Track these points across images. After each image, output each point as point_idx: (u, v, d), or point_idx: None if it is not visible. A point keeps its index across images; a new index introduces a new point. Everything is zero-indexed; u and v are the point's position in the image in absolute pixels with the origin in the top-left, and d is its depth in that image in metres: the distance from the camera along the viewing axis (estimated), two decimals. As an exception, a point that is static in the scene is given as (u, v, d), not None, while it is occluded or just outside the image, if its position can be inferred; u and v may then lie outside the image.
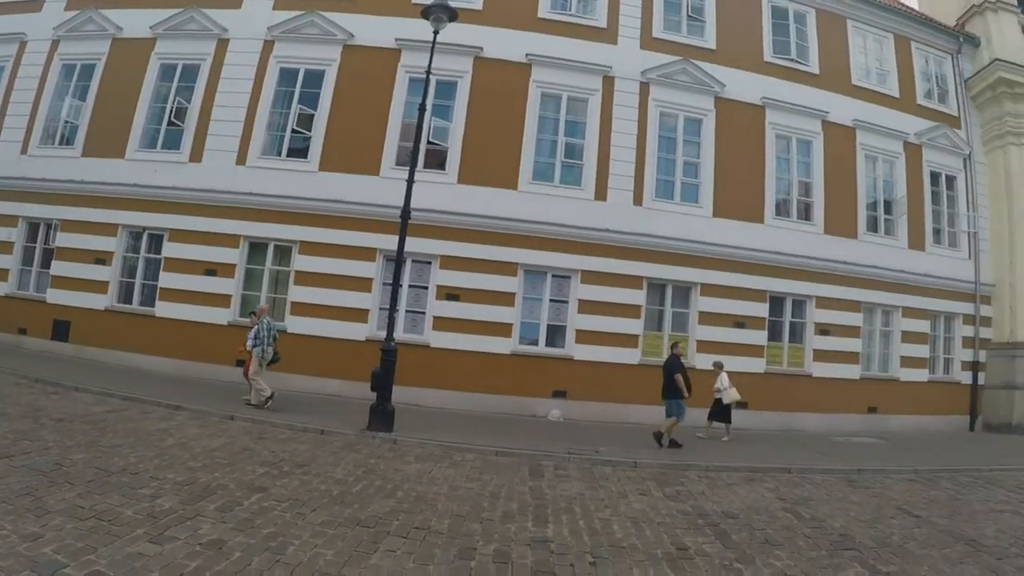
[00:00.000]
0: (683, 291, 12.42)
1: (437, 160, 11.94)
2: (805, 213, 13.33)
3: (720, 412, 10.38)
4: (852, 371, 13.10)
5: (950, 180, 14.89)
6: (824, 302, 12.95)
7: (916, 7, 17.44)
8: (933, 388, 13.99)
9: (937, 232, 14.54)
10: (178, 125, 12.23)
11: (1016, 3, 16.12)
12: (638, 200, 12.33)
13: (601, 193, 12.18)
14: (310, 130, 11.90)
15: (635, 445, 8.98)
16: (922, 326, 13.95)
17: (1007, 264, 14.59)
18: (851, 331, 13.13)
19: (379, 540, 4.27)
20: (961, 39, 15.73)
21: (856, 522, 5.95)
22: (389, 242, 9.49)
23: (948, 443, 12.23)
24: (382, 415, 8.11)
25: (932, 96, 15.20)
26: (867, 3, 14.68)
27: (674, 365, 9.33)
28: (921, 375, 13.87)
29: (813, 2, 14.26)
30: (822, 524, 5.78)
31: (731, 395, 10.33)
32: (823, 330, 12.92)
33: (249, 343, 9.01)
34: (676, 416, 9.10)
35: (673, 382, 9.18)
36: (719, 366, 10.60)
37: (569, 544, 4.60)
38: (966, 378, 14.46)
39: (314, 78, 12.14)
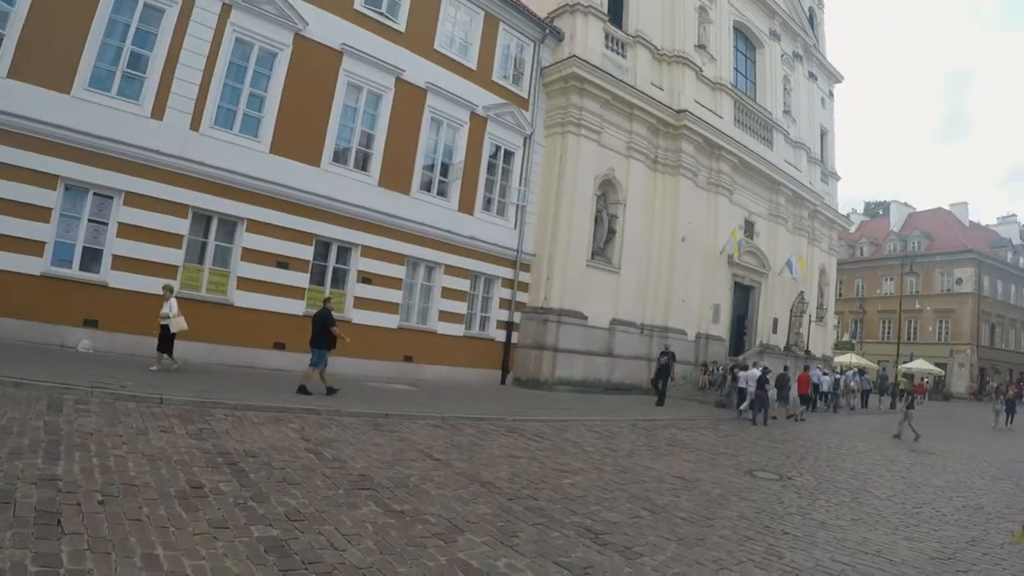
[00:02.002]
0: (229, 225, 16.86)
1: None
2: (363, 163, 19.28)
3: (166, 341, 13.23)
4: (391, 320, 19.58)
5: (509, 155, 22.96)
6: (370, 251, 19.03)
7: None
8: (469, 343, 21.46)
9: (489, 200, 22.38)
10: None
11: (605, 12, 24.41)
12: (196, 125, 16.09)
13: (159, 111, 15.52)
14: None
15: (164, 381, 11.49)
16: (463, 284, 21.49)
17: (549, 237, 23.15)
18: (393, 282, 19.59)
19: None
20: (547, 31, 24.03)
21: (377, 463, 8.27)
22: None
23: (478, 394, 18.07)
24: None
25: (508, 76, 23.12)
26: (468, -23, 21.07)
27: (326, 317, 13.68)
28: (458, 330, 21.32)
29: (415, -37, 20.04)
30: (343, 465, 7.93)
31: (179, 324, 13.25)
32: (365, 278, 18.97)
33: None
34: (320, 365, 13.49)
35: (324, 333, 13.55)
36: (168, 289, 13.69)
37: (79, 482, 5.75)
38: (500, 336, 22.53)
39: None
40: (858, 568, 6.77)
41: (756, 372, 20.86)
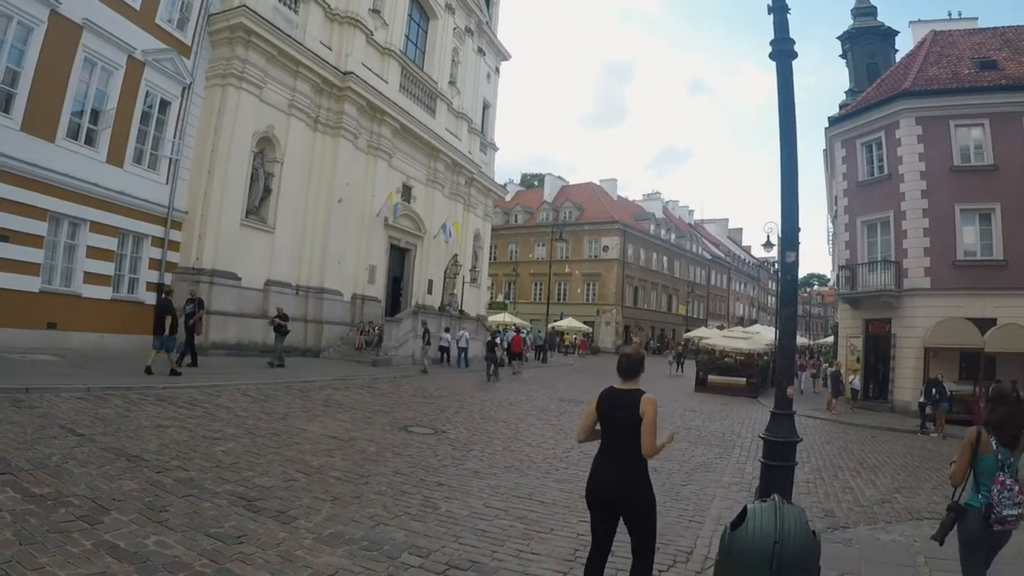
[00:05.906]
0: None
1: None
2: (5, 105, 20.48)
3: None
4: (32, 283, 20.91)
5: (165, 105, 25.81)
6: (7, 205, 20.26)
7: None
8: (118, 306, 24.04)
9: (140, 152, 24.93)
10: None
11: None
12: None
13: None
14: None
15: None
16: (110, 243, 23.87)
17: (203, 194, 26.58)
18: (34, 240, 21.08)
19: None
20: (220, -24, 26.31)
21: (15, 444, 8.71)
22: None
23: (129, 362, 18.81)
24: None
25: (173, 20, 25.77)
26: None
27: (166, 307, 17.36)
28: (105, 293, 23.70)
29: None
30: (-23, 449, 8.34)
31: None
32: (3, 236, 20.18)
33: None
34: (171, 349, 17.33)
35: (163, 322, 17.31)
36: None
37: None
38: (151, 299, 24.87)
39: None
40: (511, 512, 8.17)
41: (448, 335, 33.51)
